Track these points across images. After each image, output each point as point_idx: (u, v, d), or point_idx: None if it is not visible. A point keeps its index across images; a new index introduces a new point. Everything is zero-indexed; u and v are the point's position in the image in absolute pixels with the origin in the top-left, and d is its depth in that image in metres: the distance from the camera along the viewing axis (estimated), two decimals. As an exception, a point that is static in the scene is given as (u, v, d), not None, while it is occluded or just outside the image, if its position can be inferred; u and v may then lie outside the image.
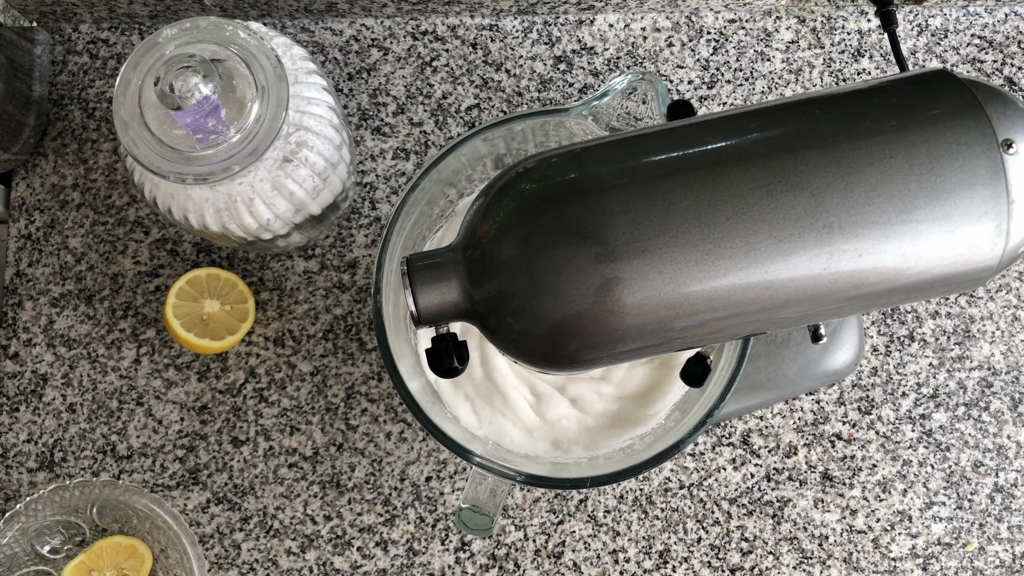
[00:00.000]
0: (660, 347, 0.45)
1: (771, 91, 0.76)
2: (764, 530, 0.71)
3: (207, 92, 0.54)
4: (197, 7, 0.74)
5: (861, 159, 0.42)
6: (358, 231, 0.74)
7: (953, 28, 0.77)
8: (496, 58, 0.76)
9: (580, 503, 0.71)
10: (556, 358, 0.45)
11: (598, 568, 0.70)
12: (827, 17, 0.77)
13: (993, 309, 0.74)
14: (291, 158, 0.59)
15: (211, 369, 0.72)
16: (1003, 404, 0.73)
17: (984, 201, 0.42)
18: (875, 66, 0.77)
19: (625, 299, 0.42)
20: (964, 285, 0.45)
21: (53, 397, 0.72)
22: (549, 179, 0.44)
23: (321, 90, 0.61)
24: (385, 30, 0.76)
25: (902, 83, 0.45)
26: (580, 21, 0.77)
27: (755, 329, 0.46)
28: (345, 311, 0.73)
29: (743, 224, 0.41)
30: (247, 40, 0.57)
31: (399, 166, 0.75)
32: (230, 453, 0.71)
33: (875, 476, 0.72)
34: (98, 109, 0.76)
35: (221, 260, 0.74)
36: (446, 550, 0.70)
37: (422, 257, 0.46)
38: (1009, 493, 0.72)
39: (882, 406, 0.72)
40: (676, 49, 0.77)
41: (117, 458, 0.71)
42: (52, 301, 0.73)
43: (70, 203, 0.74)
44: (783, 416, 0.72)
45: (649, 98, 0.53)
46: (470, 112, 0.75)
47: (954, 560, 0.71)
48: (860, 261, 0.42)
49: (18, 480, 0.71)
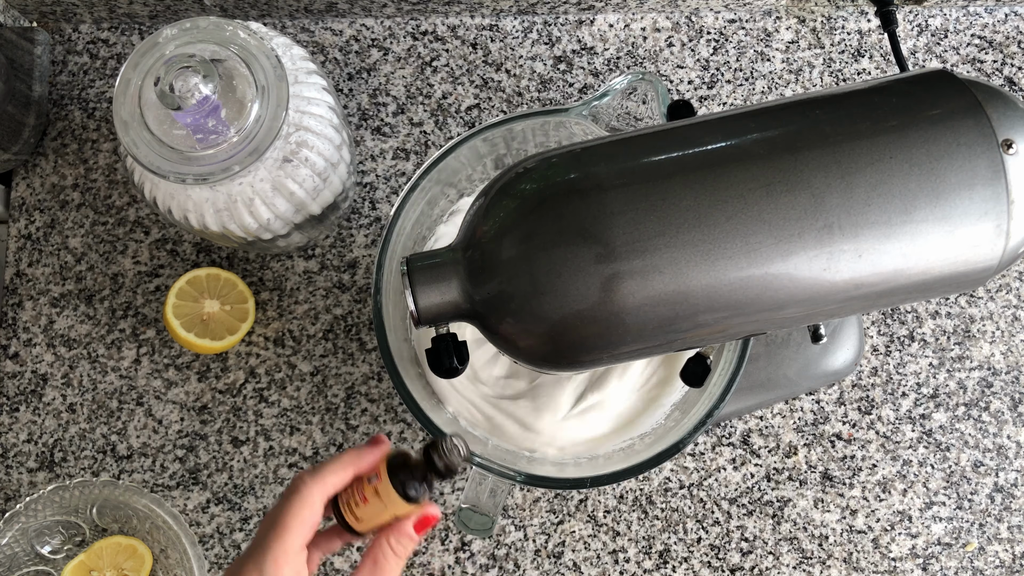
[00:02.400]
0: (660, 347, 0.45)
1: (771, 91, 0.76)
2: (764, 530, 0.71)
3: (207, 92, 0.54)
4: (197, 7, 0.74)
5: (861, 159, 0.42)
6: (358, 231, 0.74)
7: (953, 28, 0.77)
8: (496, 58, 0.76)
9: (580, 503, 0.71)
10: (556, 358, 0.45)
11: (598, 568, 0.70)
12: (827, 17, 0.77)
13: (993, 309, 0.74)
14: (291, 158, 0.59)
15: (211, 369, 0.72)
16: (1003, 404, 0.73)
17: (984, 201, 0.42)
18: (875, 66, 0.77)
19: (625, 299, 0.42)
20: (964, 285, 0.45)
21: (53, 397, 0.72)
22: (549, 179, 0.44)
23: (321, 90, 0.61)
24: (385, 30, 0.76)
25: (902, 83, 0.45)
26: (580, 21, 0.77)
27: (755, 329, 0.46)
28: (345, 311, 0.73)
29: (743, 224, 0.41)
30: (247, 40, 0.57)
31: (399, 166, 0.75)
32: (230, 453, 0.71)
33: (875, 476, 0.72)
34: (98, 109, 0.76)
35: (221, 260, 0.74)
36: (446, 550, 0.70)
37: (422, 257, 0.46)
38: (1009, 493, 0.72)
39: (882, 406, 0.72)
40: (676, 49, 0.77)
41: (117, 458, 0.71)
42: (52, 301, 0.73)
43: (70, 203, 0.74)
44: (783, 416, 0.72)
45: (649, 98, 0.53)
46: (470, 112, 0.75)
47: (954, 560, 0.71)
48: (860, 261, 0.42)
49: (18, 480, 0.71)
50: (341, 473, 0.48)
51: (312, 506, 0.47)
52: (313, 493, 0.47)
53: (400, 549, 0.48)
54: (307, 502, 0.46)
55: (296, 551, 0.46)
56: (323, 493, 0.47)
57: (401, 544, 0.48)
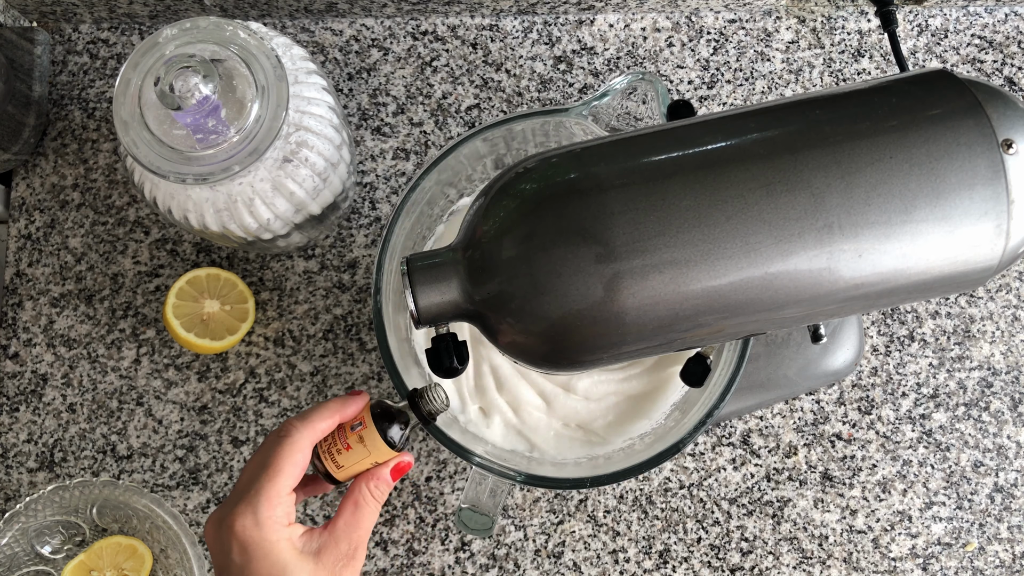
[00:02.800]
0: (660, 347, 0.45)
1: (771, 91, 0.76)
2: (764, 530, 0.71)
3: (207, 92, 0.54)
4: (197, 7, 0.74)
5: (861, 159, 0.42)
6: (358, 231, 0.74)
7: (953, 28, 0.77)
8: (496, 58, 0.76)
9: (580, 503, 0.71)
10: (556, 358, 0.45)
11: (598, 568, 0.70)
12: (827, 17, 0.77)
13: (993, 309, 0.74)
14: (291, 158, 0.59)
15: (211, 369, 0.72)
16: (1003, 404, 0.73)
17: (984, 201, 0.42)
18: (875, 66, 0.77)
19: (625, 299, 0.42)
20: (964, 285, 0.45)
21: (53, 397, 0.72)
22: (549, 179, 0.44)
23: (321, 90, 0.61)
24: (385, 30, 0.76)
25: (902, 83, 0.45)
26: (580, 21, 0.77)
27: (755, 329, 0.46)
28: (345, 311, 0.73)
29: (743, 224, 0.41)
30: (247, 40, 0.57)
31: (399, 166, 0.75)
32: (230, 453, 0.71)
33: (875, 476, 0.72)
34: (98, 109, 0.76)
35: (221, 260, 0.74)
36: (446, 550, 0.70)
37: (422, 257, 0.46)
38: (1009, 493, 0.72)
39: (882, 406, 0.72)
40: (676, 49, 0.77)
41: (117, 458, 0.71)
42: (52, 301, 0.73)
43: (70, 203, 0.74)
44: (783, 416, 0.72)
45: (649, 98, 0.53)
46: (470, 112, 0.75)
47: (954, 560, 0.71)
48: (860, 261, 0.42)
49: (18, 480, 0.71)
50: (329, 419, 0.50)
51: (303, 450, 0.49)
52: (305, 437, 0.49)
53: (378, 494, 0.51)
54: (298, 446, 0.48)
55: (287, 492, 0.48)
56: (312, 438, 0.49)
57: (380, 489, 0.51)
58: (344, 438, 0.50)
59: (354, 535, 0.49)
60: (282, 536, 0.47)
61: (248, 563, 0.46)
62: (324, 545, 0.48)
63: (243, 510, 0.47)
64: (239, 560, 0.46)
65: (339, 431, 0.51)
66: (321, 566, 0.48)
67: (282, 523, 0.47)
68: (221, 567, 0.48)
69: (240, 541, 0.46)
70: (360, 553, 0.49)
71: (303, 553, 0.48)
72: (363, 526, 0.50)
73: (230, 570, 0.47)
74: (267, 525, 0.47)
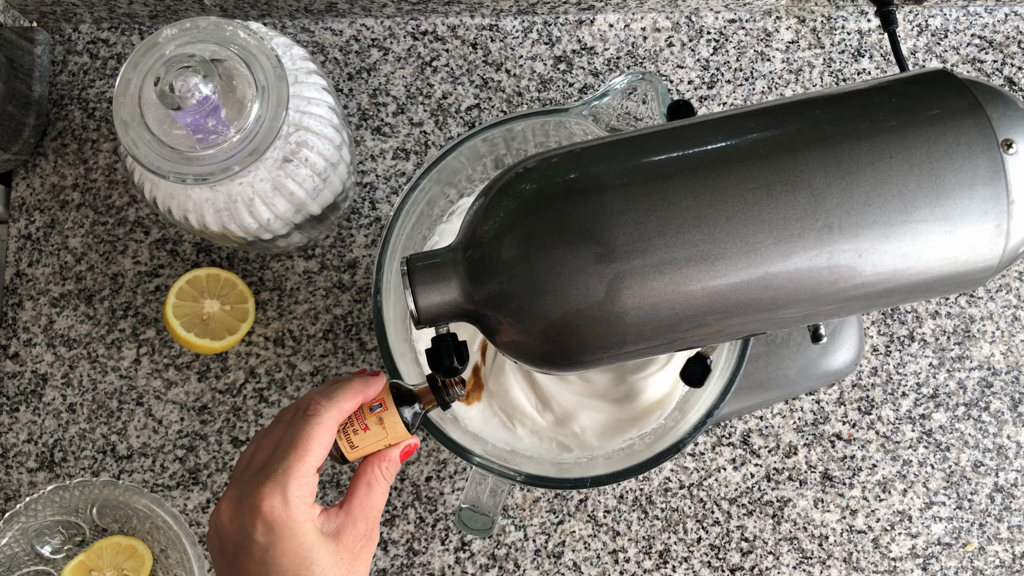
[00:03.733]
0: (660, 347, 0.45)
1: (771, 91, 0.76)
2: (764, 530, 0.71)
3: (207, 92, 0.54)
4: (197, 7, 0.74)
5: (861, 159, 0.42)
6: (358, 231, 0.74)
7: (953, 28, 0.77)
8: (496, 58, 0.76)
9: (580, 503, 0.71)
10: (556, 358, 0.45)
11: (598, 568, 0.70)
12: (827, 17, 0.77)
13: (993, 309, 0.74)
14: (291, 158, 0.59)
15: (211, 369, 0.72)
16: (1003, 404, 0.73)
17: (984, 201, 0.42)
18: (875, 66, 0.77)
19: (625, 299, 0.42)
20: (964, 285, 0.45)
21: (53, 397, 0.72)
22: (549, 179, 0.44)
23: (321, 90, 0.61)
24: (385, 30, 0.76)
25: (902, 83, 0.45)
26: (580, 21, 0.77)
27: (755, 329, 0.46)
28: (345, 311, 0.73)
29: (743, 224, 0.41)
30: (247, 40, 0.57)
31: (399, 166, 0.75)
32: (230, 453, 0.71)
33: (875, 476, 0.72)
34: (98, 109, 0.76)
35: (221, 260, 0.74)
36: (446, 550, 0.70)
37: (422, 257, 0.46)
38: (1009, 493, 0.72)
39: (882, 406, 0.72)
40: (676, 49, 0.77)
41: (117, 458, 0.71)
42: (52, 301, 0.73)
43: (70, 203, 0.74)
44: (783, 416, 0.72)
45: (649, 98, 0.53)
46: (470, 112, 0.75)
47: (954, 560, 0.71)
48: (860, 261, 0.42)
49: (18, 480, 0.71)
50: (353, 400, 0.50)
51: (330, 430, 0.48)
52: (332, 417, 0.48)
53: (388, 474, 0.51)
54: (326, 426, 0.48)
55: (314, 471, 0.47)
56: (338, 418, 0.49)
57: (390, 470, 0.51)
58: (363, 419, 0.50)
59: (370, 515, 0.49)
60: (309, 516, 0.46)
61: (274, 543, 0.45)
62: (342, 526, 0.48)
63: (271, 489, 0.46)
64: (263, 540, 0.45)
65: (358, 412, 0.50)
66: (342, 546, 0.47)
67: (308, 503, 0.47)
68: (237, 547, 0.46)
69: (266, 520, 0.45)
70: (375, 533, 0.49)
71: (324, 534, 0.47)
72: (376, 506, 0.50)
73: (250, 551, 0.46)
74: (295, 505, 0.46)
